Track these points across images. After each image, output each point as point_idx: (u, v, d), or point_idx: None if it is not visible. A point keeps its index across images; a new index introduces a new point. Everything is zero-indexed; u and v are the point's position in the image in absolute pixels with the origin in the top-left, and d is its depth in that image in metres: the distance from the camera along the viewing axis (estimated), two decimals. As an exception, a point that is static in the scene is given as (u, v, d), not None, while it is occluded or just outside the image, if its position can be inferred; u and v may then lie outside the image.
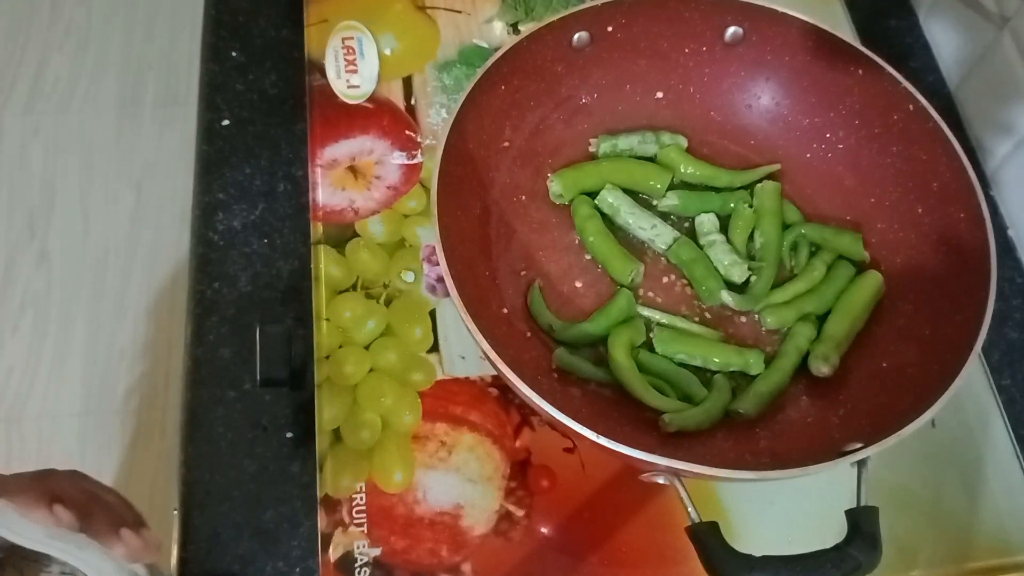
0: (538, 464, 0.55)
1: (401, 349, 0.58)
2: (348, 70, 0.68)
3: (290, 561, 0.53)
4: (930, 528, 0.54)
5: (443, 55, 0.69)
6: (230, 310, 0.60)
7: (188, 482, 0.55)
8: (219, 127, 0.66)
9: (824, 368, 0.53)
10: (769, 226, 0.58)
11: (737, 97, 0.62)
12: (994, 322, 0.48)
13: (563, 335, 0.55)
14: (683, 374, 0.54)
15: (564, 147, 0.61)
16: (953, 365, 0.46)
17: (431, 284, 0.60)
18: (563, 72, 0.60)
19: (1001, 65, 0.65)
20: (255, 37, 0.71)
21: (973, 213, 0.51)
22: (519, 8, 0.72)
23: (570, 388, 0.53)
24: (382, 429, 0.55)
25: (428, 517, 0.53)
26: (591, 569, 0.52)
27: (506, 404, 0.56)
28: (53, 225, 1.48)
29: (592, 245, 0.58)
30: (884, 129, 0.57)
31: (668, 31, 0.60)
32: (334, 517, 0.53)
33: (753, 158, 0.62)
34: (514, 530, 0.53)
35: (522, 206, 0.60)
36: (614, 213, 0.59)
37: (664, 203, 0.60)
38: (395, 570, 0.52)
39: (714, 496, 0.54)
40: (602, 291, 0.58)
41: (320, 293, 0.59)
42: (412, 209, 0.63)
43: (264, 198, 0.64)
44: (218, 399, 0.57)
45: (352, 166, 0.64)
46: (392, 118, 0.66)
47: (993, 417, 0.58)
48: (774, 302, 0.56)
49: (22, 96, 1.60)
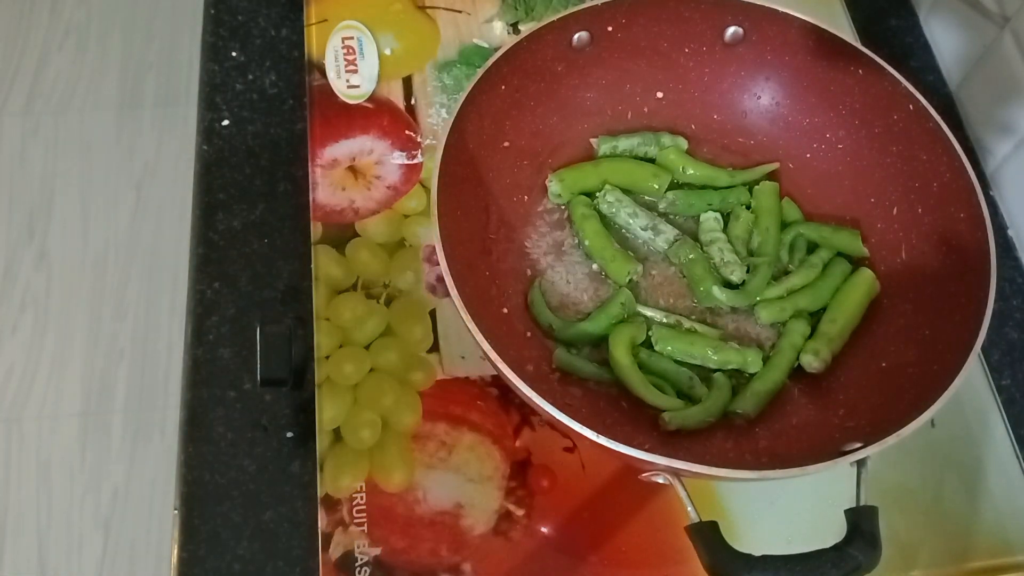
0: (538, 464, 0.55)
1: (401, 349, 0.58)
2: (348, 70, 0.68)
3: (290, 561, 0.53)
4: (930, 528, 0.54)
5: (443, 55, 0.69)
6: (230, 310, 0.60)
7: (188, 482, 0.55)
8: (219, 127, 0.66)
9: (815, 363, 0.53)
10: (767, 225, 0.58)
11: (737, 97, 0.62)
12: (994, 322, 0.48)
13: (563, 334, 0.55)
14: (683, 373, 0.54)
15: (564, 147, 0.61)
16: (953, 365, 0.46)
17: (431, 284, 0.60)
18: (563, 72, 0.60)
19: (1001, 65, 0.65)
20: (255, 37, 0.71)
21: (973, 213, 0.51)
22: (519, 8, 0.72)
23: (570, 388, 0.53)
24: (382, 429, 0.55)
25: (428, 517, 0.53)
26: (591, 569, 0.52)
27: (506, 404, 0.56)
28: (53, 225, 1.48)
29: (590, 245, 0.58)
30: (884, 129, 0.57)
31: (668, 31, 0.60)
32: (334, 517, 0.53)
33: (753, 157, 0.62)
34: (514, 530, 0.53)
35: (522, 206, 0.60)
36: (614, 213, 0.59)
37: (664, 202, 0.60)
38: (395, 570, 0.52)
39: (714, 496, 0.54)
40: (602, 291, 0.58)
41: (320, 293, 0.59)
42: (412, 209, 0.63)
43: (264, 198, 0.64)
44: (218, 399, 0.57)
45: (352, 166, 0.64)
46: (392, 118, 0.66)
47: (993, 417, 0.58)
48: (768, 297, 0.56)
49: (22, 96, 1.60)
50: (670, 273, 0.59)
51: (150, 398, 1.36)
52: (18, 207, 1.49)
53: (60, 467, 1.31)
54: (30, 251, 1.46)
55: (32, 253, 1.46)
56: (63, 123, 1.57)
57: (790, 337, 0.55)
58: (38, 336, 1.39)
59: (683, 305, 0.58)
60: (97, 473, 1.31)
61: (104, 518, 1.28)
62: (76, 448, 1.32)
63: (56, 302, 1.42)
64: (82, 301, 1.42)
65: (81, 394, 1.36)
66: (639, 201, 0.60)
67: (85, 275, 1.44)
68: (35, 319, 1.41)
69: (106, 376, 1.37)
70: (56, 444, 1.32)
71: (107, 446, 1.32)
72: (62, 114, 1.58)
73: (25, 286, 1.43)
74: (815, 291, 0.56)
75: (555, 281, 0.58)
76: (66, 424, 1.33)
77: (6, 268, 1.44)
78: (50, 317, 1.41)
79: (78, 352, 1.38)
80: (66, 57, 1.64)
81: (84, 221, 1.49)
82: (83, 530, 1.27)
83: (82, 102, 1.60)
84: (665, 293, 0.58)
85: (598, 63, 0.60)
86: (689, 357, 0.55)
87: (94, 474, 1.31)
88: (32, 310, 1.41)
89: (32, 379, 1.36)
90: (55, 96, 1.60)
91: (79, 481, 1.30)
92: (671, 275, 0.59)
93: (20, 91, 1.60)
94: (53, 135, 1.56)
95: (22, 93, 1.60)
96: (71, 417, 1.34)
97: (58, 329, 1.40)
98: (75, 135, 1.56)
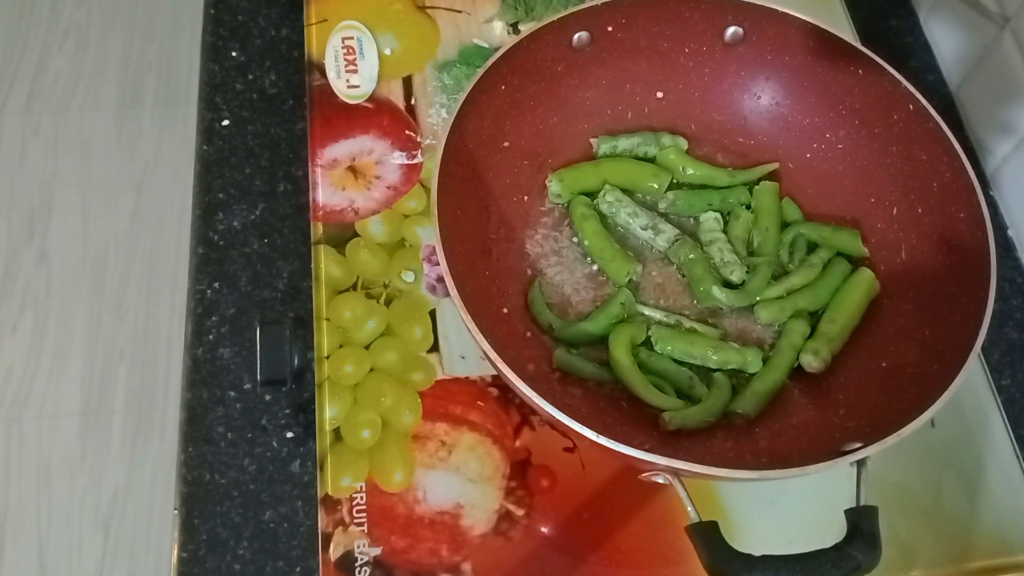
0: (538, 464, 0.55)
1: (401, 349, 0.58)
2: (348, 70, 0.68)
3: (290, 561, 0.53)
4: (930, 528, 0.54)
5: (443, 55, 0.69)
6: (230, 310, 0.60)
7: (188, 482, 0.55)
8: (219, 127, 0.66)
9: (814, 363, 0.53)
10: (767, 225, 0.58)
11: (737, 97, 0.62)
12: (994, 322, 0.48)
13: (563, 334, 0.55)
14: (683, 372, 0.54)
15: (564, 147, 0.61)
16: (953, 365, 0.46)
17: (431, 284, 0.60)
18: (563, 72, 0.60)
19: (1001, 65, 0.65)
20: (255, 37, 0.71)
21: (973, 213, 0.51)
22: (519, 8, 0.72)
23: (570, 388, 0.53)
24: (382, 429, 0.55)
25: (428, 517, 0.53)
26: (591, 569, 0.52)
27: (506, 404, 0.56)
28: (53, 225, 1.48)
29: (590, 245, 0.58)
30: (884, 129, 0.57)
31: (668, 31, 0.60)
32: (334, 517, 0.53)
33: (753, 157, 0.62)
34: (514, 530, 0.53)
35: (522, 206, 0.60)
36: (614, 213, 0.59)
37: (664, 202, 0.60)
38: (395, 570, 0.52)
39: (714, 496, 0.54)
40: (602, 291, 0.58)
41: (320, 293, 0.59)
42: (412, 209, 0.63)
43: (264, 198, 0.64)
44: (218, 399, 0.57)
45: (352, 166, 0.64)
46: (392, 118, 0.66)
47: (993, 417, 0.58)
48: (768, 297, 0.56)
49: (22, 96, 1.60)
50: (670, 273, 0.59)
51: (150, 398, 1.36)
52: (18, 207, 1.49)
53: (60, 467, 1.31)
54: (30, 251, 1.46)
55: (32, 253, 1.46)
56: (63, 123, 1.57)
57: (790, 337, 0.55)
58: (38, 336, 1.39)
59: (683, 305, 0.58)
60: (97, 473, 1.31)
61: (104, 518, 1.28)
62: (76, 448, 1.32)
63: (56, 302, 1.42)
64: (82, 301, 1.42)
65: (81, 394, 1.36)
66: (639, 201, 0.60)
67: (85, 275, 1.44)
68: (35, 319, 1.41)
69: (106, 376, 1.37)
70: (56, 444, 1.32)
71: (107, 446, 1.32)
72: (62, 114, 1.58)
73: (25, 286, 1.43)
74: (815, 291, 0.56)
75: (555, 281, 0.58)
76: (66, 424, 1.33)
77: (6, 268, 1.44)
78: (50, 317, 1.41)
79: (78, 352, 1.38)
80: (66, 57, 1.64)
81: (84, 221, 1.49)
82: (83, 530, 1.27)
83: (82, 102, 1.60)
84: (665, 293, 0.58)
85: (598, 63, 0.60)
86: (689, 357, 0.55)
87: (94, 474, 1.31)
88: (32, 310, 1.41)
89: (32, 379, 1.36)
90: (55, 96, 1.60)
91: (79, 481, 1.30)
92: (671, 275, 0.59)
93: (20, 91, 1.60)
94: (53, 135, 1.56)
95: (22, 93, 1.60)
96: (71, 417, 1.34)
97: (58, 329, 1.40)
98: (75, 135, 1.56)
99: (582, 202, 0.59)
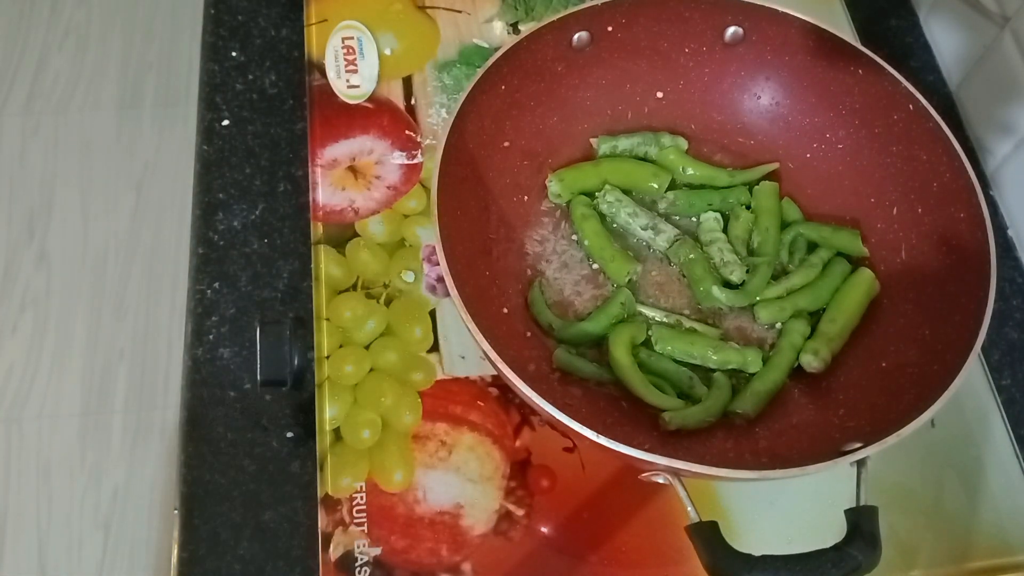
0: (538, 464, 0.55)
1: (401, 349, 0.58)
2: (348, 70, 0.68)
3: (290, 561, 0.53)
4: (930, 528, 0.54)
5: (443, 55, 0.69)
6: (230, 310, 0.60)
7: (188, 482, 0.55)
8: (219, 127, 0.66)
9: (814, 363, 0.53)
10: (767, 225, 0.58)
11: (737, 97, 0.62)
12: (994, 322, 0.48)
13: (563, 334, 0.55)
14: (683, 372, 0.54)
15: (564, 147, 0.61)
16: (953, 365, 0.46)
17: (431, 284, 0.60)
18: (563, 72, 0.60)
19: (1001, 65, 0.65)
20: (255, 37, 0.71)
21: (973, 213, 0.51)
22: (519, 8, 0.72)
23: (570, 388, 0.53)
24: (382, 429, 0.55)
25: (428, 517, 0.53)
26: (591, 569, 0.52)
27: (506, 404, 0.56)
28: (53, 225, 1.48)
29: (590, 245, 0.58)
30: (884, 129, 0.57)
31: (668, 31, 0.60)
32: (334, 517, 0.53)
33: (753, 157, 0.62)
34: (514, 530, 0.53)
35: (522, 206, 0.60)
36: (614, 213, 0.59)
37: (664, 202, 0.60)
38: (395, 570, 0.52)
39: (714, 496, 0.54)
40: (602, 291, 0.58)
41: (320, 293, 0.59)
42: (412, 209, 0.63)
43: (264, 198, 0.64)
44: (218, 399, 0.57)
45: (352, 166, 0.64)
46: (392, 118, 0.66)
47: (993, 417, 0.58)
48: (768, 297, 0.56)
49: (22, 96, 1.60)
50: (670, 273, 0.59)
51: (150, 398, 1.36)
52: (18, 207, 1.49)
53: (60, 467, 1.31)
54: (30, 251, 1.46)
55: (32, 253, 1.46)
56: (63, 123, 1.57)
57: (790, 337, 0.55)
58: (38, 336, 1.39)
59: (683, 305, 0.58)
60: (97, 473, 1.31)
61: (104, 518, 1.28)
62: (76, 448, 1.32)
63: (56, 302, 1.42)
64: (82, 301, 1.42)
65: (81, 394, 1.36)
66: (639, 201, 0.60)
67: (85, 275, 1.44)
68: (35, 319, 1.41)
69: (106, 376, 1.37)
70: (56, 444, 1.32)
71: (107, 446, 1.32)
72: (62, 114, 1.58)
73: (25, 286, 1.43)
74: (815, 291, 0.56)
75: (555, 281, 0.58)
76: (66, 424, 1.33)
77: (6, 268, 1.44)
78: (50, 317, 1.41)
79: (78, 352, 1.38)
80: (66, 57, 1.64)
81: (84, 221, 1.49)
82: (83, 530, 1.27)
83: (82, 102, 1.60)
84: (665, 293, 0.58)
85: (598, 63, 0.60)
86: (689, 357, 0.55)
87: (94, 474, 1.31)
88: (32, 310, 1.41)
89: (32, 379, 1.36)
90: (55, 96, 1.60)
91: (79, 481, 1.30)
92: (671, 275, 0.59)
93: (20, 91, 1.60)
94: (53, 135, 1.56)
95: (22, 93, 1.60)
96: (71, 417, 1.34)
97: (58, 329, 1.40)
98: (75, 135, 1.56)
99: (582, 202, 0.59)
